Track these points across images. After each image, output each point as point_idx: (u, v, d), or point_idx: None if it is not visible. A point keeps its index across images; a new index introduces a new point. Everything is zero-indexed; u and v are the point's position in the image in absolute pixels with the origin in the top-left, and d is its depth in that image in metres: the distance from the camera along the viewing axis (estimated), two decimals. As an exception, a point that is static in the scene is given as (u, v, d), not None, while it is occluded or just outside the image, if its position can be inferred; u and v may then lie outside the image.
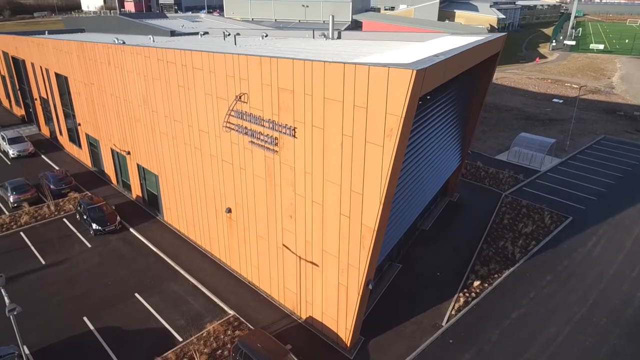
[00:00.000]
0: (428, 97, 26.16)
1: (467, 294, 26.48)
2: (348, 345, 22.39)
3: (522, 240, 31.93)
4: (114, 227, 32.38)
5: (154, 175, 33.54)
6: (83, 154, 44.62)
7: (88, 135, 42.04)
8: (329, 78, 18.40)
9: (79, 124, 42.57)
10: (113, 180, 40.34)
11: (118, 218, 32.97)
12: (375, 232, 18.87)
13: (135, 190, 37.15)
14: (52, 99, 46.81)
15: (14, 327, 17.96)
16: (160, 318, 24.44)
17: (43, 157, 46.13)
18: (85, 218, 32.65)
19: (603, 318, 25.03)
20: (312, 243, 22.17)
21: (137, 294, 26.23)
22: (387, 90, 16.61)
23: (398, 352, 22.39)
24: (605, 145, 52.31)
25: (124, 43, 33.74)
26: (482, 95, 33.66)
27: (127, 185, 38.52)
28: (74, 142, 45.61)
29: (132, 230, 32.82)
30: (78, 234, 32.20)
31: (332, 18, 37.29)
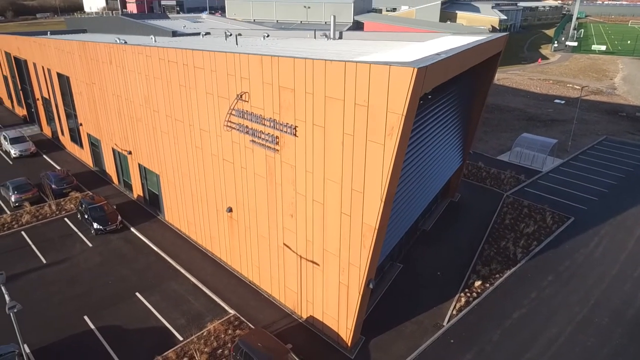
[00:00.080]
0: (429, 96, 26.18)
1: (468, 294, 26.41)
2: (349, 345, 22.35)
3: (523, 241, 31.86)
4: (115, 226, 32.43)
5: (155, 175, 33.56)
6: (84, 154, 44.68)
7: (89, 135, 42.11)
8: (330, 76, 18.37)
9: (81, 124, 42.65)
10: (114, 180, 40.39)
11: (119, 217, 32.99)
12: (376, 230, 18.82)
13: (137, 190, 37.18)
14: (53, 99, 46.89)
15: (14, 325, 17.93)
16: (161, 317, 24.44)
17: (45, 156, 46.22)
18: (87, 217, 32.68)
19: (605, 318, 24.94)
20: (312, 242, 22.13)
21: (137, 293, 26.24)
22: (388, 89, 16.58)
23: (399, 351, 22.33)
24: (607, 146, 52.21)
25: (126, 43, 33.78)
26: (483, 96, 33.62)
27: (128, 185, 38.56)
28: (76, 142, 45.69)
29: (133, 230, 32.84)
30: (79, 234, 32.23)
31: (333, 18, 37.34)
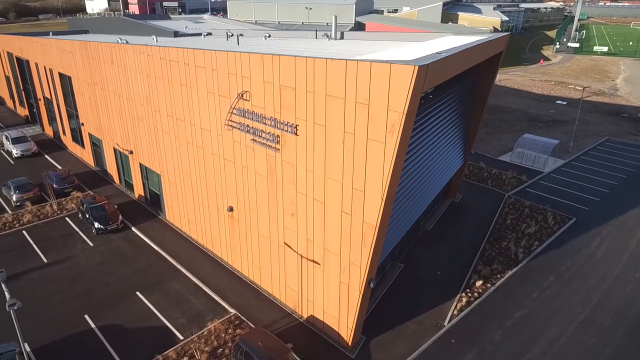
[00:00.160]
0: (430, 95, 26.13)
1: (469, 294, 26.33)
2: (349, 344, 22.30)
3: (525, 241, 31.78)
4: (116, 226, 32.44)
5: (156, 175, 33.57)
6: (86, 154, 44.74)
7: (91, 135, 42.17)
8: (331, 75, 18.36)
9: (82, 124, 42.71)
10: (115, 180, 40.42)
11: (120, 217, 33.01)
12: (377, 229, 18.78)
13: (138, 190, 37.20)
14: (55, 99, 46.99)
15: (15, 323, 17.92)
16: (162, 316, 24.41)
17: (46, 156, 46.29)
18: (88, 217, 32.69)
19: (607, 318, 24.84)
20: (313, 241, 22.10)
21: (138, 293, 26.23)
22: (389, 87, 16.56)
23: (400, 351, 22.27)
24: (609, 147, 52.09)
25: (127, 43, 33.82)
26: (485, 96, 33.56)
27: (129, 185, 38.59)
28: (77, 141, 45.76)
29: (134, 229, 32.84)
30: (80, 233, 32.25)
31: (335, 19, 37.32)
